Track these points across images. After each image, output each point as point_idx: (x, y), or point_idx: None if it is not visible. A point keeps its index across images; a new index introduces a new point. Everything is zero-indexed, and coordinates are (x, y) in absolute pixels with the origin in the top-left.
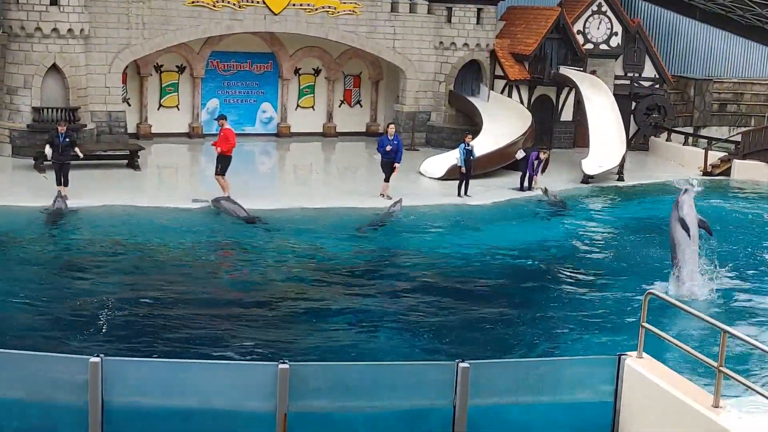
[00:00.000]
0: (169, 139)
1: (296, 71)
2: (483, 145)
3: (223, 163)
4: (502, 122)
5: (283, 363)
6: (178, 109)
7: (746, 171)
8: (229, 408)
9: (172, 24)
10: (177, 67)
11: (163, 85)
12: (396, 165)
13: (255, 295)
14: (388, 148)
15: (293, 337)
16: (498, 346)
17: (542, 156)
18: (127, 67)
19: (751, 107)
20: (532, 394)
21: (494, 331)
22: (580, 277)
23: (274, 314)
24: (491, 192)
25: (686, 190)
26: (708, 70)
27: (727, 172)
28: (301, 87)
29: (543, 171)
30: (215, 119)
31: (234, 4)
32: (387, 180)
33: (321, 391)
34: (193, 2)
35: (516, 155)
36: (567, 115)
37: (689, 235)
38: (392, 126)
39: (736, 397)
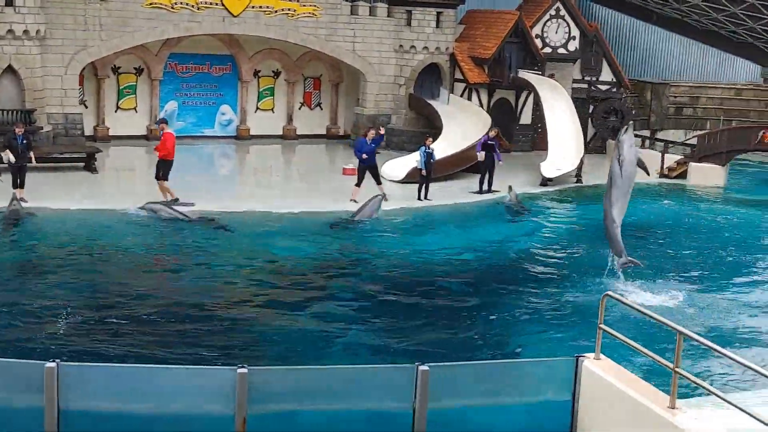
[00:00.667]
0: (126, 141)
1: (256, 73)
2: (443, 148)
3: (163, 168)
4: (462, 125)
5: (242, 367)
6: (136, 112)
7: (702, 174)
8: (188, 413)
9: (129, 26)
10: (135, 69)
11: (120, 87)
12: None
13: (213, 298)
14: (364, 156)
15: (254, 340)
16: (458, 348)
17: (492, 133)
18: (84, 68)
19: (707, 111)
20: (491, 396)
21: (454, 333)
22: (540, 278)
23: (233, 317)
24: (451, 195)
25: (626, 129)
26: (665, 74)
27: (683, 175)
28: (260, 89)
29: (500, 147)
30: (156, 123)
31: (192, 6)
32: (378, 182)
33: (280, 395)
34: (150, 4)
35: (477, 157)
36: (526, 118)
37: (622, 174)
38: (372, 130)
39: (693, 398)
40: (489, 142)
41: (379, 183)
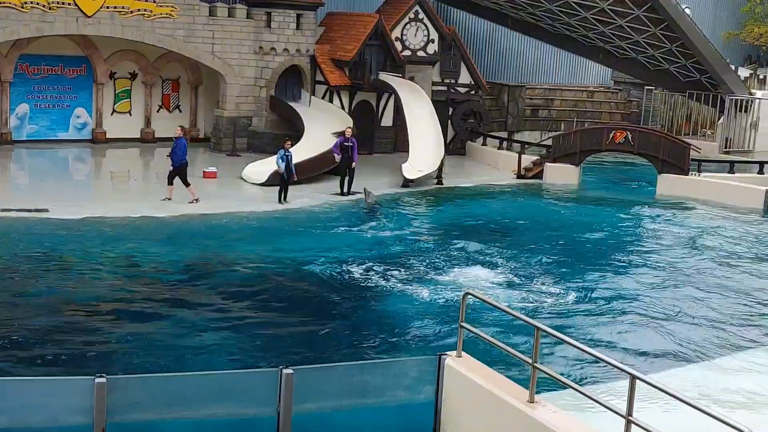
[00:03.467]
0: None
1: (111, 75)
2: (305, 150)
3: None
4: (324, 127)
5: (100, 377)
6: None
7: (557, 173)
8: (45, 425)
9: None
10: None
11: None
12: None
13: (69, 306)
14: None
15: (113, 349)
16: (321, 351)
17: (348, 133)
18: None
19: (561, 112)
20: (356, 398)
21: (317, 336)
22: (401, 278)
23: (91, 326)
24: (312, 197)
25: None
26: (521, 77)
27: (539, 175)
28: (117, 91)
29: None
30: None
31: (44, 6)
32: (169, 183)
33: (141, 403)
34: None
35: (335, 160)
36: (387, 120)
37: None
38: (178, 128)
39: (556, 391)
40: (346, 143)
41: (174, 184)
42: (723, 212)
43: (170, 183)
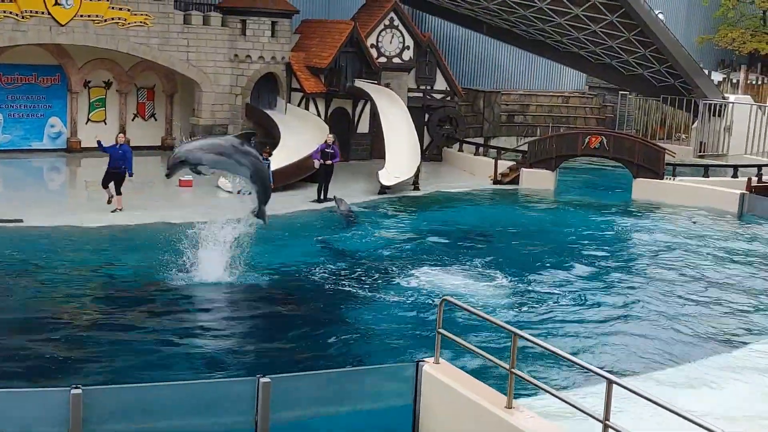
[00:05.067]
0: None
1: (86, 84)
2: (281, 157)
3: None
4: (300, 135)
5: (76, 388)
6: None
7: (533, 178)
8: None
9: None
10: None
11: None
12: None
13: (44, 316)
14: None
15: (87, 359)
16: (298, 359)
17: (329, 140)
18: None
19: (537, 118)
20: (334, 405)
21: (294, 343)
22: (377, 284)
23: (66, 335)
24: (288, 204)
25: None
26: (496, 83)
27: (515, 180)
28: (91, 100)
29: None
30: None
31: (17, 15)
32: (117, 192)
33: (117, 414)
34: None
35: (314, 165)
36: (363, 127)
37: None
38: (121, 135)
39: (533, 396)
40: (327, 150)
41: (118, 194)
42: (698, 215)
43: (119, 192)
